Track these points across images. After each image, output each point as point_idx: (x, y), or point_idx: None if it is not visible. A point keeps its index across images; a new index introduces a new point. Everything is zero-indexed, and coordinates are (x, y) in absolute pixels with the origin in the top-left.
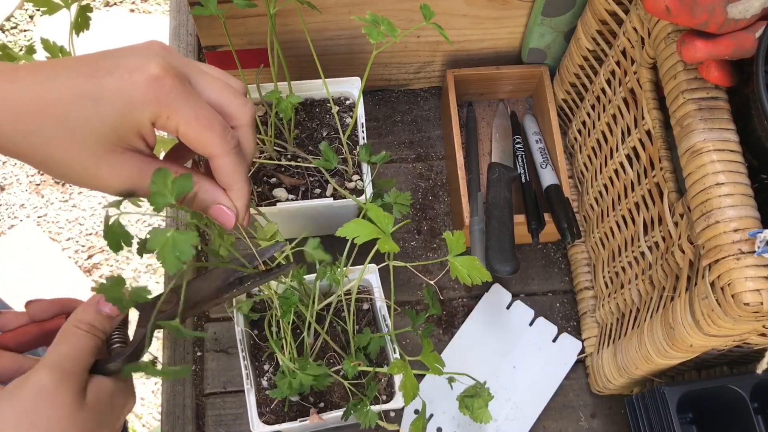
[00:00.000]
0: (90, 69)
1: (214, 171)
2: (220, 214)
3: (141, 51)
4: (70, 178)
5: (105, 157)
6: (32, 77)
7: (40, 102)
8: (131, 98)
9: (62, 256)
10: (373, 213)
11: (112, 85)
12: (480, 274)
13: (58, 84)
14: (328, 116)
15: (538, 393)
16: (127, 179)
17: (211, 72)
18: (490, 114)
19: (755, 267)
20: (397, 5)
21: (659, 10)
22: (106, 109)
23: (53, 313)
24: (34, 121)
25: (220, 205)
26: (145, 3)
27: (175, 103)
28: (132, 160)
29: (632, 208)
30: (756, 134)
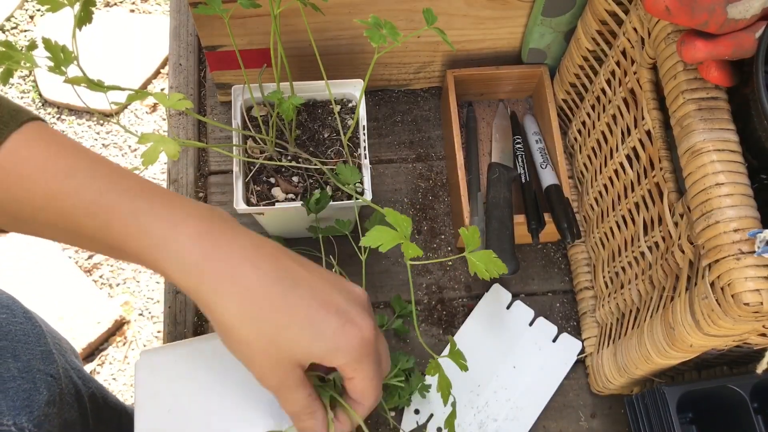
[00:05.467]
0: (323, 299)
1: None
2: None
3: (361, 303)
4: (241, 355)
5: (283, 366)
6: (273, 272)
7: (273, 300)
8: (342, 346)
9: (62, 256)
10: (392, 218)
11: (334, 326)
12: (497, 267)
13: (294, 294)
14: (329, 117)
15: (538, 393)
16: (282, 385)
17: (382, 336)
18: (490, 114)
19: (755, 267)
20: (397, 6)
21: (659, 10)
22: (319, 342)
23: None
24: (258, 309)
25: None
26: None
27: (366, 363)
28: (296, 374)
29: (632, 208)
30: (756, 134)
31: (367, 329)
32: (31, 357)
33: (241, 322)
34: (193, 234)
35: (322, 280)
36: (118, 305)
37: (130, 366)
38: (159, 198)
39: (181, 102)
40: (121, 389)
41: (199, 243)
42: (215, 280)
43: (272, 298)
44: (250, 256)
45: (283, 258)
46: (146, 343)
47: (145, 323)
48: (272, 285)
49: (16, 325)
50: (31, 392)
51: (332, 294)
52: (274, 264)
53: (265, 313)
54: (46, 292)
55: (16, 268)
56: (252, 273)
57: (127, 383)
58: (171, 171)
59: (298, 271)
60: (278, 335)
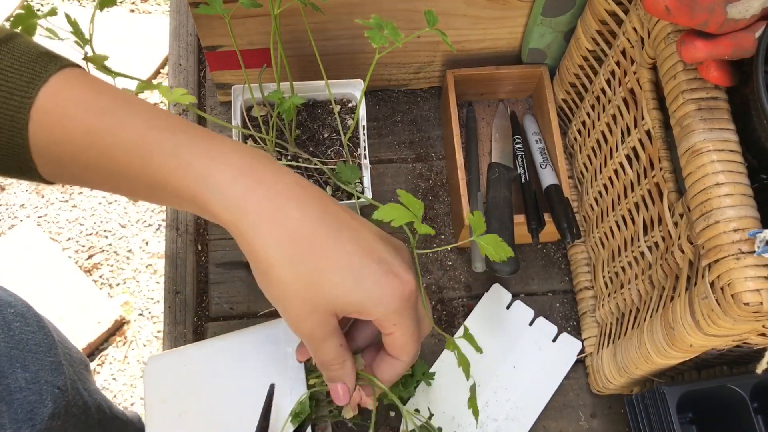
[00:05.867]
0: (367, 246)
1: (384, 366)
2: (336, 392)
3: (404, 256)
4: (277, 298)
5: (319, 313)
6: (319, 214)
7: (315, 242)
8: (382, 298)
9: (62, 256)
10: (405, 199)
11: (376, 276)
12: (505, 251)
13: (338, 238)
14: (329, 117)
15: (538, 393)
16: (316, 334)
17: (423, 293)
18: (490, 114)
19: (755, 267)
20: (397, 5)
21: (659, 10)
22: (359, 290)
23: None
24: (300, 251)
25: (345, 386)
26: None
27: (407, 317)
28: (330, 323)
29: (632, 208)
30: (756, 134)
31: (409, 282)
32: (40, 368)
33: (281, 263)
34: (235, 169)
35: (367, 228)
36: (118, 305)
37: (131, 366)
38: (200, 134)
39: (183, 96)
40: (121, 389)
41: (241, 178)
42: (257, 217)
43: (314, 240)
44: (294, 195)
45: (328, 201)
46: (146, 343)
47: (145, 323)
48: (315, 226)
49: (29, 334)
50: (35, 404)
51: (376, 243)
52: (319, 206)
53: (306, 255)
54: (46, 292)
55: (16, 267)
56: (295, 212)
57: (127, 383)
58: None
59: (343, 216)
60: (317, 279)
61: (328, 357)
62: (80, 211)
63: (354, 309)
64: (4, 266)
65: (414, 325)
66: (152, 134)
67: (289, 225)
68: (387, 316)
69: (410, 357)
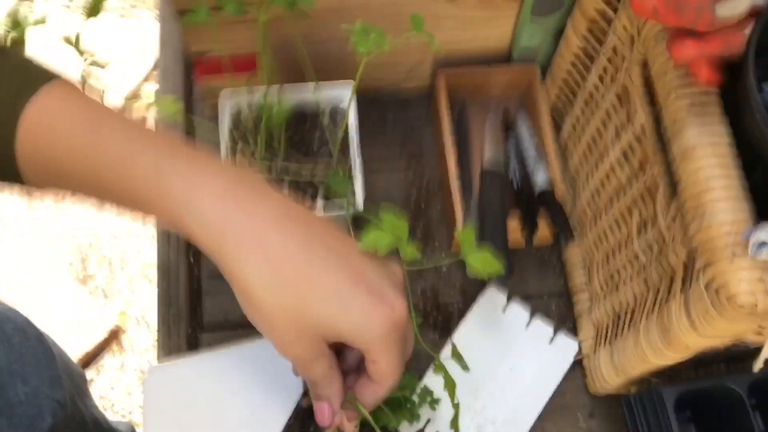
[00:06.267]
0: (354, 274)
1: (366, 390)
2: (322, 411)
3: (395, 281)
4: (261, 324)
5: (306, 338)
6: (303, 239)
7: (299, 269)
8: (370, 327)
9: (57, 266)
10: (388, 220)
11: (364, 305)
12: (494, 266)
13: (323, 266)
14: (319, 122)
15: (536, 395)
16: (303, 357)
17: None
18: (481, 114)
19: (749, 268)
20: (385, 8)
21: (647, 10)
22: (345, 319)
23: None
24: (282, 279)
25: (330, 406)
26: (135, 8)
27: (393, 344)
28: (318, 347)
29: (626, 209)
30: (748, 132)
31: (400, 310)
32: (40, 382)
33: (263, 290)
34: (216, 192)
35: (356, 252)
36: (113, 314)
37: (128, 374)
38: (184, 155)
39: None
40: (119, 398)
41: (222, 202)
42: (237, 243)
43: (298, 266)
44: (277, 219)
45: (315, 224)
46: (143, 351)
47: (141, 331)
48: (299, 251)
49: (29, 349)
50: (35, 418)
51: (365, 268)
52: (303, 229)
53: (289, 283)
54: (41, 303)
55: (10, 279)
56: (278, 237)
57: (124, 392)
58: None
59: (330, 240)
60: (302, 307)
61: (317, 378)
62: (74, 221)
63: (340, 337)
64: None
65: (399, 354)
66: (134, 155)
67: (270, 251)
68: (373, 346)
69: (392, 384)
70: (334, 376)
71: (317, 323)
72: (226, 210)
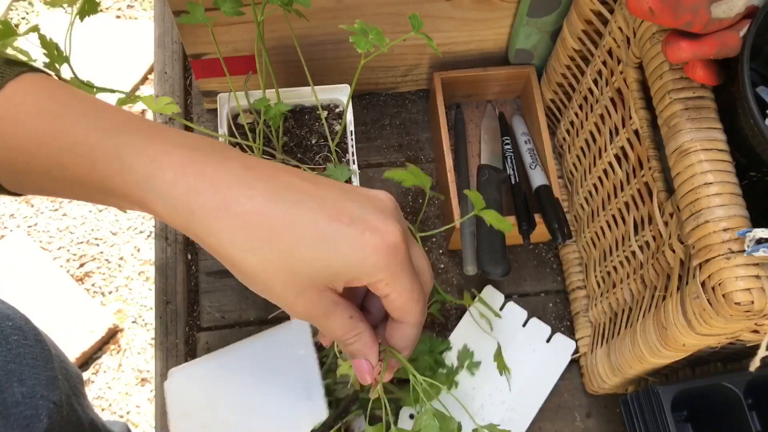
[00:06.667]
0: (333, 210)
1: (394, 333)
2: (360, 369)
3: (381, 207)
4: (259, 289)
5: (308, 292)
6: (270, 191)
7: (272, 222)
8: (364, 258)
9: (54, 266)
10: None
11: (351, 238)
12: (506, 224)
13: (297, 211)
14: (317, 123)
15: (533, 394)
16: (314, 313)
17: (419, 246)
18: (478, 115)
19: (745, 266)
20: (381, 9)
21: (643, 11)
22: (336, 258)
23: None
24: (259, 236)
25: (368, 362)
26: (131, 9)
27: (399, 273)
28: (326, 298)
29: (622, 208)
30: (743, 132)
31: (392, 234)
32: (37, 382)
33: (243, 254)
34: (176, 166)
35: (332, 191)
36: (111, 313)
37: (125, 374)
38: (144, 132)
39: (168, 106)
40: (116, 398)
41: (182, 176)
42: (204, 213)
43: (272, 219)
44: (241, 180)
45: (281, 174)
46: (140, 351)
47: (138, 331)
48: (269, 205)
49: (27, 348)
50: (31, 419)
51: (345, 203)
52: (270, 182)
53: (266, 239)
54: (38, 302)
55: (7, 279)
56: (243, 196)
57: (122, 392)
58: None
59: (301, 185)
60: (288, 260)
61: (339, 332)
62: (70, 220)
63: (342, 279)
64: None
65: (409, 281)
66: (96, 136)
67: (240, 213)
68: (376, 277)
69: (415, 317)
70: (358, 327)
71: (311, 272)
72: (188, 183)
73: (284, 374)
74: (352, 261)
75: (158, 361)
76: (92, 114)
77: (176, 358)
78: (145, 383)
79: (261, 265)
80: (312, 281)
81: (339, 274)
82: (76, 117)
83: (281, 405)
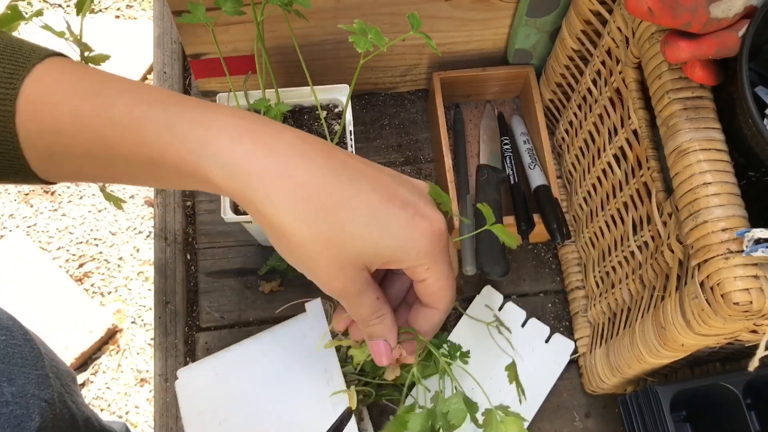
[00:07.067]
0: (386, 192)
1: (420, 317)
2: (378, 350)
3: (426, 195)
4: (301, 261)
5: (348, 268)
6: (328, 165)
7: (330, 195)
8: (412, 242)
9: (53, 266)
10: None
11: (402, 220)
12: (514, 239)
13: (353, 188)
14: (316, 123)
15: (532, 394)
16: (350, 291)
17: (452, 238)
18: (477, 115)
19: (744, 266)
20: (380, 9)
21: (642, 11)
22: (385, 239)
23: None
24: (314, 207)
25: (386, 343)
26: (130, 9)
27: (440, 260)
28: (362, 277)
29: (621, 208)
30: (742, 132)
31: (438, 221)
32: (27, 381)
33: (296, 224)
34: (232, 133)
35: (383, 173)
36: (110, 313)
37: (124, 374)
38: (192, 104)
39: None
40: (115, 398)
41: (239, 141)
42: (262, 179)
43: (329, 193)
44: (299, 151)
45: (336, 151)
46: (140, 351)
47: (137, 331)
48: (327, 179)
49: (15, 348)
50: (22, 418)
51: (397, 186)
52: (327, 157)
53: (322, 211)
54: (37, 303)
55: (6, 280)
56: (303, 166)
57: (121, 392)
58: None
59: (356, 164)
60: (340, 234)
61: (365, 312)
62: (70, 220)
63: (383, 260)
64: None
65: (448, 269)
66: (141, 109)
67: (298, 182)
68: (419, 261)
69: (446, 304)
70: (383, 309)
71: (358, 250)
72: (245, 149)
73: (303, 364)
74: (399, 243)
75: (157, 362)
76: (133, 89)
77: (175, 358)
78: (144, 383)
79: (312, 236)
80: (356, 259)
81: (383, 255)
82: (117, 92)
83: (303, 395)
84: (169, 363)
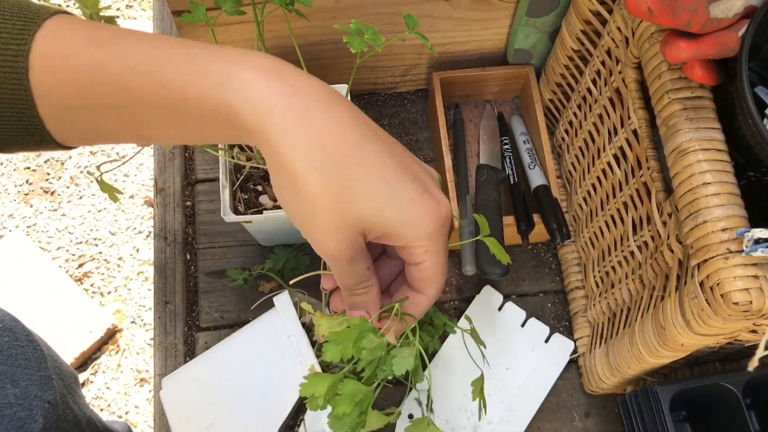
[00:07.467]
0: (400, 161)
1: (407, 304)
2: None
3: (436, 180)
4: (302, 213)
5: (347, 230)
6: (350, 118)
7: (347, 148)
8: (416, 218)
9: (52, 266)
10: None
11: (412, 193)
12: (504, 256)
13: (372, 147)
14: None
15: (532, 394)
16: (344, 254)
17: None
18: (477, 115)
19: (743, 266)
20: (380, 9)
21: (641, 11)
22: (391, 207)
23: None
24: (330, 156)
25: (367, 315)
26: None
27: (439, 245)
28: (358, 242)
29: (620, 208)
30: (741, 132)
31: (445, 206)
32: (30, 383)
33: (309, 170)
34: (258, 69)
35: (398, 144)
36: (109, 313)
37: (124, 374)
38: (215, 46)
39: None
40: (115, 398)
41: (265, 78)
42: (284, 117)
43: (346, 146)
44: (323, 97)
45: (359, 110)
46: (139, 351)
47: (137, 331)
48: (347, 132)
49: (18, 349)
50: (26, 420)
51: (409, 159)
52: (350, 111)
53: (337, 163)
54: (37, 303)
55: (6, 280)
56: (326, 114)
57: (121, 392)
58: (158, 180)
59: (375, 127)
60: (349, 190)
61: (354, 280)
62: (69, 220)
63: (384, 229)
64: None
65: (444, 255)
66: (162, 51)
67: (319, 128)
68: (419, 241)
69: (436, 290)
70: (371, 280)
71: (363, 211)
72: (270, 85)
73: (278, 357)
74: (404, 217)
75: (157, 362)
76: (149, 36)
77: (175, 358)
78: (144, 383)
79: (321, 186)
80: (356, 221)
81: (384, 224)
82: (136, 40)
83: (282, 386)
84: (169, 363)
